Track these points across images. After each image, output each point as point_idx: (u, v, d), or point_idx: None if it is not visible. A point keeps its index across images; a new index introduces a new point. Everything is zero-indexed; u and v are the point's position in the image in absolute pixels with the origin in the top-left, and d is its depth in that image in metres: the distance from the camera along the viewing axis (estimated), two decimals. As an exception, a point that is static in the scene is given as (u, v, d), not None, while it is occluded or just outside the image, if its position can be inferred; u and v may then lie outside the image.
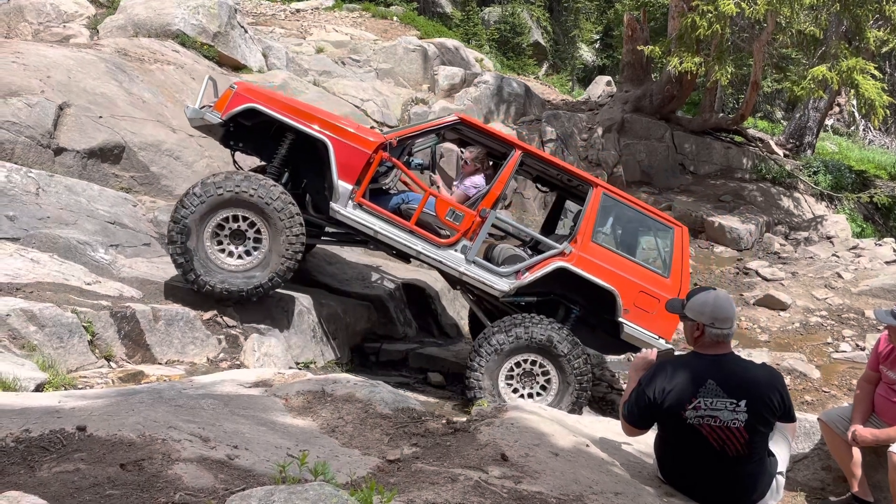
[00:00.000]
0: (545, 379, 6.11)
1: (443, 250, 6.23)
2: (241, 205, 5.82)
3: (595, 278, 6.15)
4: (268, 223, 5.88)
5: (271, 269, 5.93)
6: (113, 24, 11.05)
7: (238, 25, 12.10)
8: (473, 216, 6.23)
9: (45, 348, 4.47)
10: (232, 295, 5.91)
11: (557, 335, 6.04)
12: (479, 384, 6.03)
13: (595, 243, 6.29)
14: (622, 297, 6.14)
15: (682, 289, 6.34)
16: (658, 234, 6.69)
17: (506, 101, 14.89)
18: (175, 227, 5.75)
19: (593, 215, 6.33)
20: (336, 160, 6.00)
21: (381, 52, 16.04)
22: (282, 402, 3.63)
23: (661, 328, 6.27)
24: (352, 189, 6.07)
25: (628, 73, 15.70)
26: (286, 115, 6.03)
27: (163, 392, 3.28)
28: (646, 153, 14.52)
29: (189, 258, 5.75)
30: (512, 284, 6.20)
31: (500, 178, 6.37)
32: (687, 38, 12.19)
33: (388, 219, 6.18)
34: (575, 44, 27.71)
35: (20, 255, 5.33)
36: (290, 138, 6.20)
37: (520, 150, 6.45)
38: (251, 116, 6.13)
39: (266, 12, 18.41)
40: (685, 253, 6.50)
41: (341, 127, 6.14)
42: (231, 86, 6.22)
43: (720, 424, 3.18)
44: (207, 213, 5.78)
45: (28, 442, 2.42)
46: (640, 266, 6.34)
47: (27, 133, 7.29)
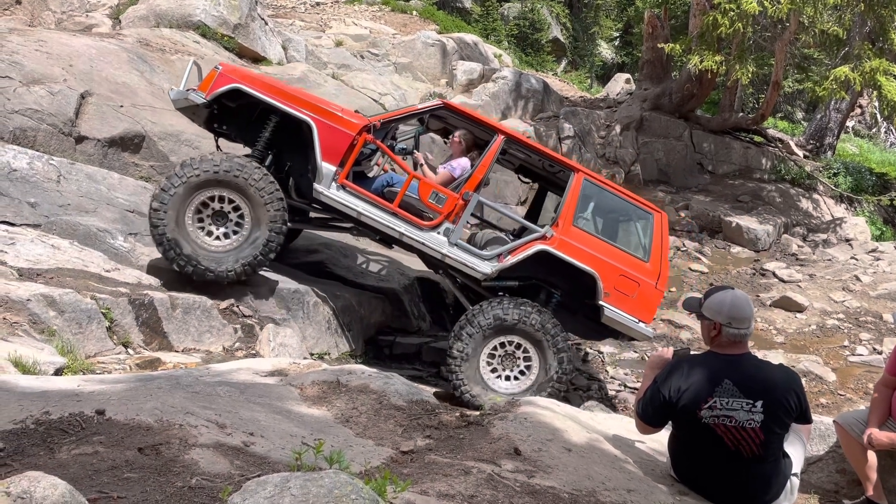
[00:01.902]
0: (526, 361, 6.14)
1: (425, 232, 6.23)
2: (222, 185, 5.82)
3: (576, 261, 6.16)
4: (249, 204, 5.87)
5: (253, 250, 5.92)
6: (135, 14, 11.13)
7: (258, 17, 12.15)
8: (456, 199, 6.24)
9: (64, 333, 4.52)
10: (217, 276, 5.89)
11: (540, 317, 6.06)
12: (459, 368, 6.05)
13: (576, 227, 6.32)
14: (603, 281, 6.16)
15: (661, 273, 6.37)
16: (638, 219, 6.70)
17: (524, 97, 14.85)
18: (156, 210, 5.75)
19: (574, 200, 6.35)
20: (320, 141, 6.01)
21: (400, 47, 16.04)
22: (297, 391, 3.66)
23: (641, 311, 6.30)
24: (335, 170, 6.08)
25: (648, 71, 15.60)
26: (270, 96, 6.02)
27: (180, 379, 3.31)
28: (664, 152, 14.43)
29: (171, 239, 5.74)
30: (494, 267, 6.22)
31: (483, 161, 6.39)
32: (708, 36, 12.10)
33: (371, 200, 6.19)
34: (594, 41, 27.57)
35: (41, 242, 5.39)
36: (274, 121, 6.18)
37: (502, 134, 6.47)
38: (235, 98, 6.12)
39: (286, 5, 18.47)
40: (664, 238, 6.54)
41: (325, 109, 6.15)
42: (216, 66, 6.21)
43: (735, 424, 3.16)
44: (188, 195, 5.77)
45: (48, 424, 2.46)
46: (620, 250, 6.37)
47: (49, 121, 7.37)
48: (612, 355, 8.14)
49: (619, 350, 8.26)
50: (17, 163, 6.55)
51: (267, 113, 6.17)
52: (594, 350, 8.24)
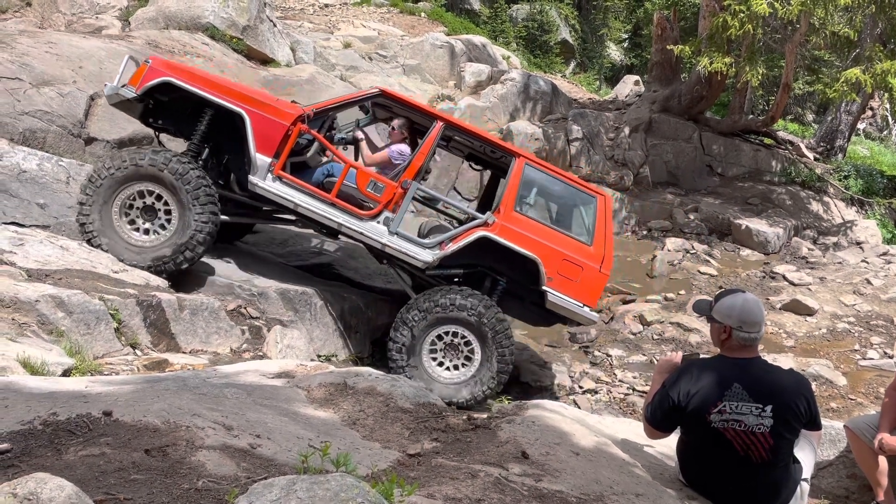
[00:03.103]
0: (468, 350, 6.11)
1: (364, 222, 6.19)
2: (147, 180, 5.75)
3: (517, 247, 6.12)
4: (175, 197, 5.79)
5: (180, 244, 5.82)
6: (144, 16, 11.17)
7: (267, 19, 12.18)
8: (395, 188, 6.20)
9: (72, 334, 4.53)
10: (153, 269, 5.81)
11: (480, 306, 6.02)
12: (400, 357, 6.03)
13: (518, 213, 6.28)
14: (545, 266, 6.13)
15: (605, 257, 6.33)
16: (581, 203, 6.65)
17: (532, 98, 14.83)
18: (81, 205, 5.72)
19: (515, 185, 6.31)
20: (253, 133, 5.95)
21: (409, 48, 16.05)
22: (304, 393, 3.65)
23: (585, 296, 6.26)
24: (270, 162, 6.02)
25: (657, 73, 15.55)
26: (202, 88, 5.95)
27: (187, 380, 3.31)
28: (673, 154, 14.38)
29: (96, 234, 5.69)
30: (435, 255, 6.19)
31: (422, 148, 6.35)
32: (718, 37, 12.04)
33: (308, 191, 6.14)
34: (603, 42, 27.52)
35: (50, 243, 5.41)
36: (209, 114, 6.10)
37: (441, 121, 6.43)
38: (168, 91, 6.03)
39: (295, 7, 18.51)
40: (608, 221, 6.50)
41: (258, 99, 6.08)
42: (146, 60, 6.13)
43: (745, 429, 3.13)
44: (113, 190, 5.71)
45: (55, 425, 2.46)
46: (563, 234, 6.32)
47: (59, 122, 7.41)
48: (621, 358, 8.10)
49: (628, 353, 8.22)
50: (27, 164, 6.58)
51: (202, 106, 6.08)
52: (602, 353, 8.21)
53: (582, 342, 8.64)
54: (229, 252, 7.19)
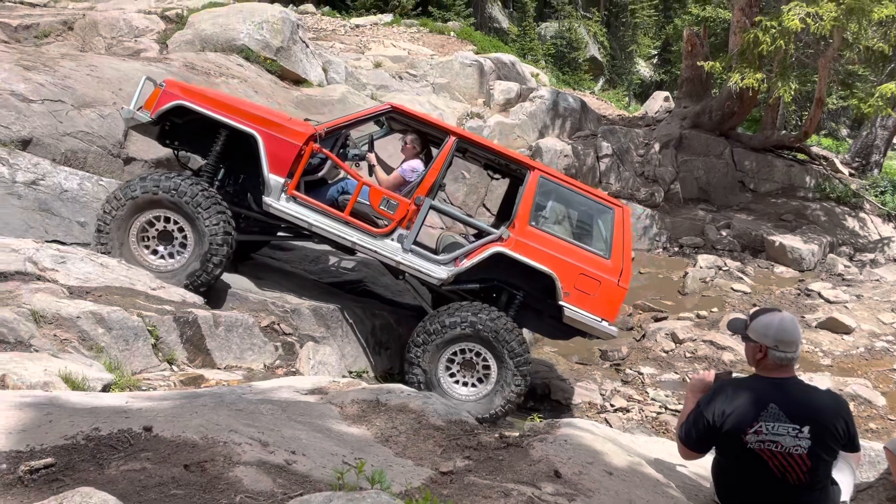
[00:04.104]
0: (485, 369, 6.09)
1: (378, 240, 6.19)
2: (161, 206, 5.80)
3: (533, 262, 6.08)
4: (189, 222, 5.83)
5: (196, 269, 5.85)
6: (181, 39, 11.45)
7: (300, 41, 12.40)
8: (408, 204, 6.19)
9: (111, 350, 4.63)
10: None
11: (493, 322, 5.99)
12: (417, 376, 6.03)
13: (533, 227, 6.22)
14: (561, 281, 6.07)
15: (623, 270, 6.26)
16: (599, 215, 6.57)
17: (561, 115, 14.85)
18: (99, 232, 5.79)
19: (530, 199, 6.26)
20: (266, 153, 5.98)
21: (438, 67, 16.21)
22: (337, 409, 3.68)
23: (603, 310, 6.19)
24: (283, 182, 6.05)
25: (687, 89, 15.49)
26: (214, 110, 6.00)
27: (224, 396, 3.37)
28: (704, 170, 14.28)
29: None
30: (450, 272, 6.17)
31: (435, 164, 6.32)
32: (749, 53, 11.97)
33: (322, 210, 6.17)
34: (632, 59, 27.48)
35: (90, 260, 5.54)
36: (223, 134, 6.14)
37: (454, 136, 6.39)
38: (182, 114, 6.10)
39: (327, 28, 18.81)
40: (627, 234, 6.40)
41: (270, 120, 6.11)
42: (160, 84, 6.19)
43: (782, 450, 3.08)
44: (129, 217, 5.78)
45: (97, 440, 2.52)
46: (579, 248, 6.26)
47: (99, 143, 7.60)
48: (653, 376, 8.02)
49: (660, 371, 8.14)
50: (69, 183, 6.76)
51: (217, 127, 6.14)
52: (634, 370, 8.14)
53: (613, 360, 8.57)
54: (263, 269, 7.30)
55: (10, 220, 6.20)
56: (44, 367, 3.86)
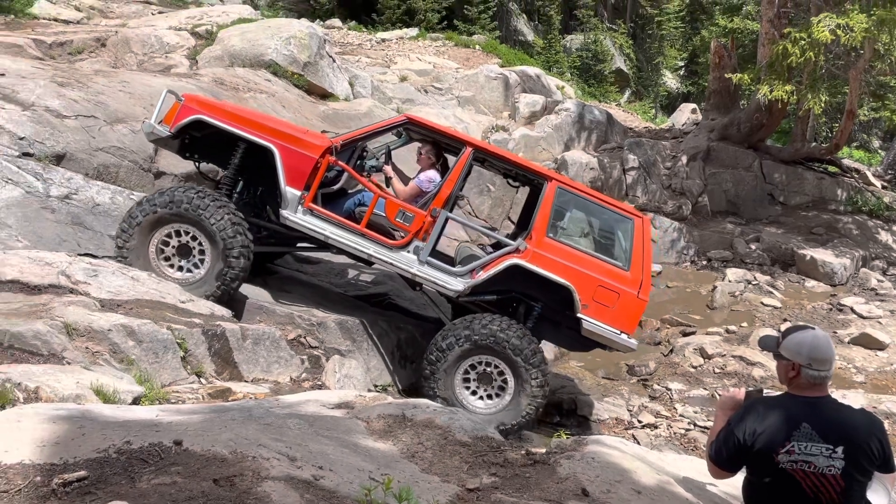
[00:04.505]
0: (502, 382, 6.03)
1: (395, 252, 6.18)
2: (179, 220, 5.85)
3: (550, 274, 6.01)
4: (207, 236, 5.87)
5: (214, 281, 5.90)
6: (211, 55, 11.63)
7: (327, 55, 12.53)
8: (424, 216, 6.16)
9: (141, 363, 4.69)
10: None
11: (508, 334, 5.93)
12: (433, 385, 6.00)
13: (550, 238, 6.16)
14: (579, 293, 6.00)
15: (643, 282, 6.15)
16: (618, 225, 6.47)
17: (587, 128, 14.82)
18: (119, 248, 5.87)
19: (547, 210, 6.20)
20: (283, 166, 6.01)
21: (463, 81, 16.27)
22: (363, 424, 3.69)
23: (623, 322, 6.10)
24: (300, 194, 6.07)
25: (715, 101, 15.37)
26: (232, 124, 6.06)
27: (252, 410, 3.39)
28: (732, 182, 14.14)
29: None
30: (466, 284, 6.13)
31: (451, 176, 6.29)
32: (778, 65, 11.86)
33: (338, 223, 6.17)
34: (659, 70, 27.36)
35: (122, 274, 5.62)
36: (242, 147, 6.19)
37: (470, 146, 6.36)
38: (202, 127, 6.16)
39: (353, 42, 19.00)
40: (647, 245, 6.30)
41: (287, 133, 6.14)
42: (179, 98, 6.25)
43: (815, 471, 3.02)
44: (148, 231, 5.84)
45: (129, 454, 2.55)
46: (598, 260, 6.18)
47: (130, 158, 7.73)
48: (681, 392, 7.92)
49: (688, 387, 8.04)
50: (100, 198, 6.88)
51: (235, 140, 6.19)
52: (661, 386, 8.05)
53: (640, 375, 8.49)
54: (290, 282, 7.36)
55: (44, 233, 6.32)
56: (76, 379, 3.93)
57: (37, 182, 6.63)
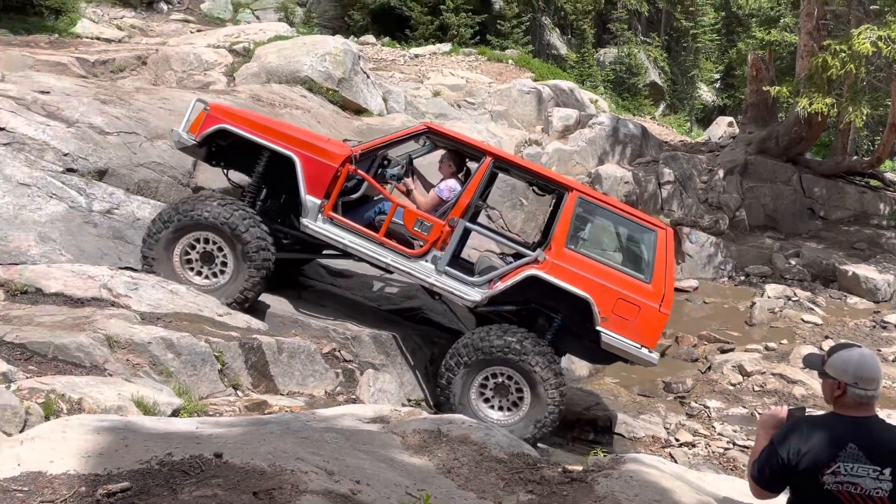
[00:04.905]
0: (518, 394, 5.97)
1: (413, 261, 6.16)
2: (202, 228, 5.94)
3: (568, 286, 5.92)
4: (229, 244, 5.95)
5: (234, 290, 5.97)
6: (248, 72, 11.84)
7: (361, 71, 12.67)
8: (442, 226, 6.13)
9: (180, 375, 4.76)
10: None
11: (525, 346, 5.86)
12: (448, 395, 5.97)
13: (570, 249, 6.07)
14: (599, 305, 5.89)
15: (665, 295, 6.02)
16: (640, 237, 6.34)
17: (621, 142, 14.72)
18: (145, 257, 5.98)
19: (567, 221, 6.12)
20: (304, 175, 6.06)
21: (496, 95, 16.31)
22: (399, 439, 3.69)
23: (643, 336, 5.98)
24: (321, 203, 6.10)
25: (752, 114, 15.17)
26: (255, 133, 6.13)
27: (290, 424, 3.41)
28: (771, 197, 13.91)
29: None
30: (484, 294, 6.09)
31: (470, 185, 6.25)
32: (817, 77, 11.68)
33: (358, 231, 6.18)
34: (694, 83, 27.12)
35: (161, 287, 5.72)
36: (266, 155, 6.24)
37: (490, 156, 6.30)
38: (226, 136, 6.24)
39: (387, 58, 19.19)
40: (670, 256, 6.16)
41: (308, 142, 6.17)
42: (204, 107, 6.33)
43: (861, 493, 2.93)
44: (173, 239, 5.95)
45: (171, 465, 2.58)
46: (618, 272, 6.07)
47: (170, 173, 7.88)
48: (719, 410, 7.77)
49: (727, 405, 7.88)
50: (141, 212, 7.02)
51: (259, 148, 6.26)
52: (699, 404, 7.91)
53: (677, 392, 8.35)
54: (324, 296, 7.41)
55: (87, 247, 6.47)
56: (117, 391, 4.00)
57: (80, 197, 6.79)
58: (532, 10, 24.68)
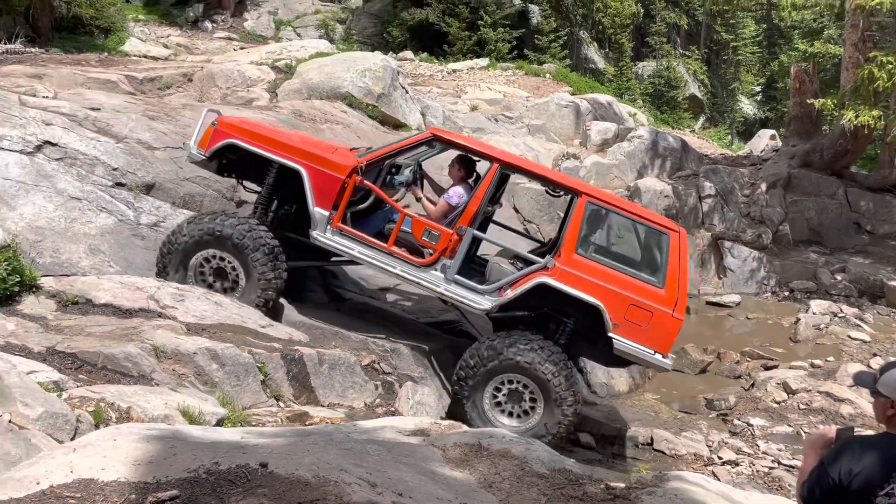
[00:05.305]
0: (531, 402, 5.92)
1: (422, 271, 6.14)
2: (211, 245, 6.00)
3: (578, 293, 5.83)
4: (239, 260, 6.01)
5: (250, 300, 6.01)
6: (290, 88, 12.05)
7: (400, 87, 12.80)
8: (450, 235, 6.09)
9: (224, 385, 4.84)
10: None
11: (539, 354, 5.79)
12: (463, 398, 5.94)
13: (580, 255, 5.98)
14: (610, 312, 5.80)
15: (678, 300, 5.88)
16: (653, 240, 6.18)
17: (661, 155, 14.59)
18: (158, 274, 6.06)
19: (577, 226, 6.03)
20: (312, 188, 6.08)
21: (534, 109, 16.31)
22: (440, 452, 3.69)
23: (657, 342, 5.86)
24: (328, 215, 6.12)
25: (795, 127, 14.92)
26: (262, 147, 6.17)
27: (333, 435, 3.44)
28: (815, 211, 13.63)
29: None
30: (494, 302, 6.04)
31: (478, 192, 6.19)
32: (863, 90, 11.45)
33: (366, 242, 6.18)
34: (734, 96, 26.78)
35: (206, 299, 5.84)
36: (275, 168, 6.28)
37: (497, 161, 6.22)
38: (236, 150, 6.29)
39: (425, 73, 19.35)
40: (683, 259, 6.00)
41: (315, 154, 6.18)
42: (212, 122, 6.37)
43: (917, 515, 2.85)
44: (186, 256, 6.02)
45: (217, 474, 2.62)
46: (630, 277, 5.95)
47: (214, 187, 8.04)
48: (763, 428, 7.60)
49: (771, 423, 7.71)
50: (187, 226, 7.17)
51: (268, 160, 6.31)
52: (742, 422, 7.74)
53: (720, 409, 8.19)
54: (363, 308, 7.47)
55: (134, 259, 6.63)
56: (164, 400, 4.08)
57: (128, 211, 6.97)
58: (570, 25, 24.68)
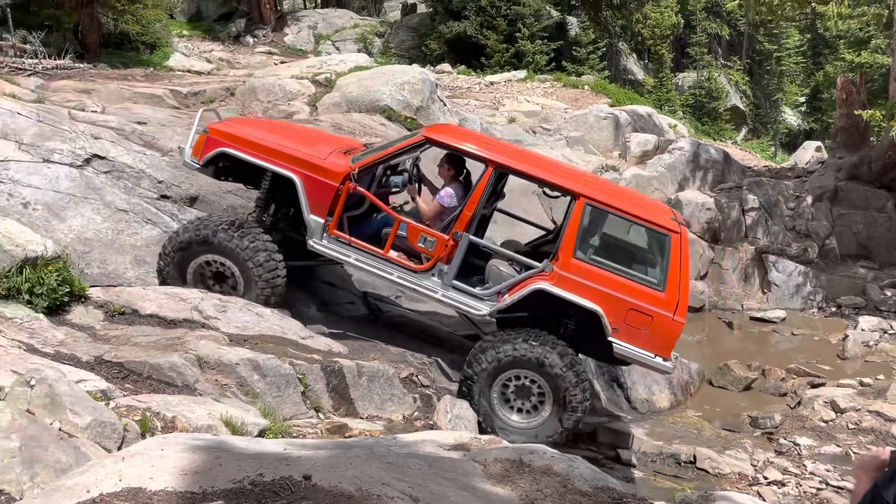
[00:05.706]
0: (540, 397, 5.86)
1: (419, 277, 6.09)
2: (208, 249, 6.00)
3: (576, 298, 5.75)
4: (236, 264, 6.00)
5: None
6: (330, 101, 12.20)
7: (438, 99, 12.86)
8: (446, 241, 6.03)
9: (265, 396, 4.88)
10: None
11: (545, 350, 5.74)
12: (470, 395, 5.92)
13: (578, 259, 5.87)
14: (609, 317, 5.73)
15: (679, 303, 5.75)
16: (654, 242, 6.03)
17: (702, 167, 14.38)
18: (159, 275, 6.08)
19: (574, 230, 5.92)
20: (306, 195, 6.06)
21: (572, 121, 16.25)
22: (480, 467, 3.66)
23: (657, 346, 5.76)
24: (324, 223, 6.08)
25: (842, 139, 14.60)
26: (255, 155, 6.13)
27: (374, 448, 3.44)
28: (864, 224, 13.28)
29: None
30: (492, 307, 6.00)
31: (473, 197, 6.10)
32: (914, 100, 11.15)
33: (362, 249, 6.14)
34: (778, 107, 26.33)
35: (248, 310, 5.91)
36: (269, 174, 6.24)
37: (491, 165, 6.10)
38: (229, 157, 6.28)
39: (462, 86, 19.43)
40: (684, 262, 5.84)
41: (307, 160, 6.10)
42: (204, 130, 6.33)
43: (978, 542, 2.73)
44: (186, 260, 6.02)
45: (262, 486, 2.64)
46: (629, 281, 5.83)
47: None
48: (811, 448, 7.39)
49: (819, 443, 7.49)
50: (229, 237, 7.27)
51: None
52: (789, 441, 7.54)
53: (765, 427, 7.99)
54: (401, 321, 7.48)
55: (179, 270, 6.74)
56: (207, 410, 4.13)
57: (172, 222, 7.11)
58: (608, 36, 24.57)
